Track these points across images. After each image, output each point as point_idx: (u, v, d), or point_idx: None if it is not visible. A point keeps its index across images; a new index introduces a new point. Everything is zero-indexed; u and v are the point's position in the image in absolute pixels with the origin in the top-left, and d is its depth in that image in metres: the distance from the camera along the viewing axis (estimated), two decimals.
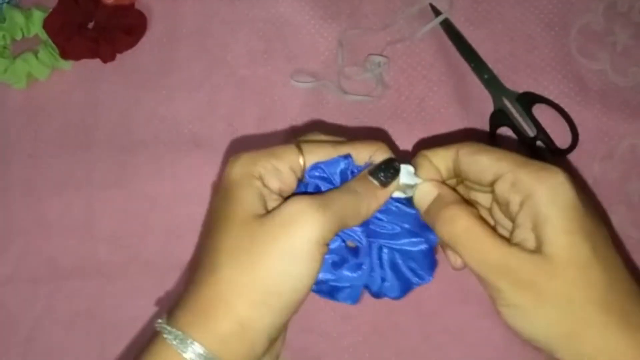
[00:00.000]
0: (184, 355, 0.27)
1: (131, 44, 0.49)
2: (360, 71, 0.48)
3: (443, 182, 0.32)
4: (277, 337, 0.30)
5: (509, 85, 0.47)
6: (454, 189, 0.33)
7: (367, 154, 0.32)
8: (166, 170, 0.47)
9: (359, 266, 0.32)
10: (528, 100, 0.47)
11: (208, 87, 0.49)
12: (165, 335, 0.28)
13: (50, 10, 0.48)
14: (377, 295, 0.33)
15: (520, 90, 0.47)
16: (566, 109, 0.47)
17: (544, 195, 0.28)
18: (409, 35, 0.49)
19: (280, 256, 0.28)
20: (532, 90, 0.47)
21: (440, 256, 0.44)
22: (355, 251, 0.32)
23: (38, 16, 0.49)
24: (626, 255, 0.45)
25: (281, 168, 0.31)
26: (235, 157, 0.31)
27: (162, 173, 0.47)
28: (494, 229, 0.30)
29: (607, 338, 0.27)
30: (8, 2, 0.50)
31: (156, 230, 0.46)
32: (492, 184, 0.30)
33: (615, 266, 0.28)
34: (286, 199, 0.30)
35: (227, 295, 0.28)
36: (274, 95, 0.48)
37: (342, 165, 0.32)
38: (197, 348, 0.27)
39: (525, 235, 0.29)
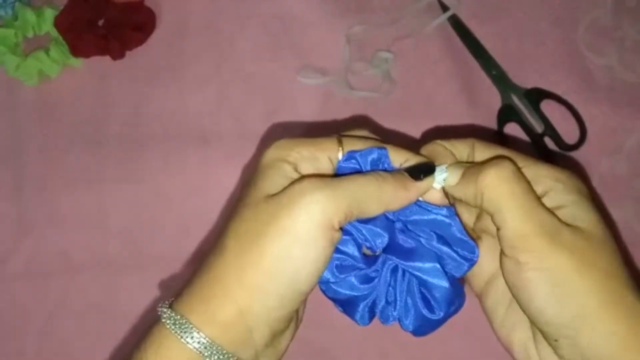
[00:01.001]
0: (182, 341, 0.26)
1: (140, 41, 0.50)
2: (368, 67, 0.48)
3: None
4: (281, 329, 0.29)
5: (516, 81, 0.47)
6: None
7: (405, 158, 0.30)
8: (176, 165, 0.48)
9: (370, 279, 0.30)
10: (536, 96, 0.47)
11: (217, 83, 0.49)
12: (164, 320, 0.27)
13: (61, 8, 0.49)
14: (383, 319, 0.30)
15: (528, 86, 0.47)
16: (574, 105, 0.46)
17: (567, 183, 0.28)
18: (417, 31, 0.49)
19: (279, 237, 0.26)
20: (540, 86, 0.47)
21: None
22: (370, 261, 0.30)
23: (49, 14, 0.49)
24: (629, 250, 0.45)
25: (319, 156, 0.30)
26: (273, 142, 0.30)
27: (171, 168, 0.48)
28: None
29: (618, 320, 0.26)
30: (20, 1, 0.50)
31: (166, 224, 0.47)
32: None
33: (620, 263, 0.28)
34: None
35: (226, 279, 0.27)
36: (282, 91, 0.49)
37: (375, 154, 0.29)
38: (195, 334, 0.26)
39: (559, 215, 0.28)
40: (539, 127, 0.47)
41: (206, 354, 0.26)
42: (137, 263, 0.46)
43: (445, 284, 0.29)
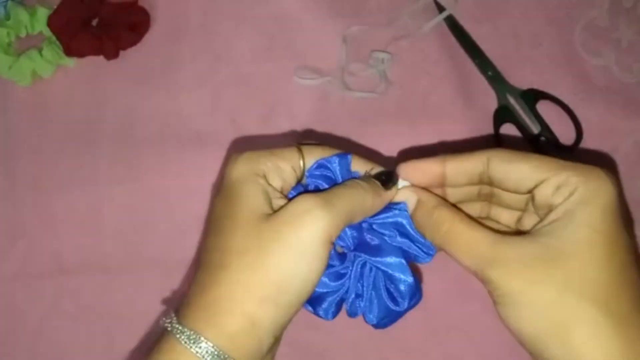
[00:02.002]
0: (195, 353, 0.27)
1: (135, 41, 0.49)
2: (364, 67, 0.48)
3: (423, 188, 0.33)
4: (280, 334, 0.31)
5: (513, 81, 0.47)
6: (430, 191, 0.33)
7: (366, 166, 0.33)
8: (171, 166, 0.47)
9: (340, 275, 0.32)
10: (532, 96, 0.47)
11: (212, 84, 0.49)
12: (176, 335, 0.28)
13: (55, 7, 0.48)
14: (351, 313, 0.33)
15: (525, 87, 0.47)
16: (570, 106, 0.46)
17: (586, 191, 0.28)
18: (413, 32, 0.49)
19: (288, 254, 0.28)
20: (536, 86, 0.47)
21: (444, 254, 0.44)
22: (342, 257, 0.32)
23: (42, 13, 0.49)
24: None
25: (283, 167, 0.32)
26: (237, 155, 0.32)
27: (166, 169, 0.47)
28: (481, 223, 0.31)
29: (598, 336, 0.26)
30: (12, 0, 0.50)
31: (161, 226, 0.47)
32: (530, 190, 0.30)
33: (630, 277, 0.27)
34: (291, 198, 0.31)
35: (236, 293, 0.28)
36: (278, 92, 0.48)
37: (342, 160, 0.32)
38: (208, 346, 0.28)
39: (546, 229, 0.28)
40: (535, 128, 0.47)
41: None
42: (132, 265, 0.46)
43: (409, 278, 0.31)
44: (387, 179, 0.32)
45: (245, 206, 0.30)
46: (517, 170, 0.30)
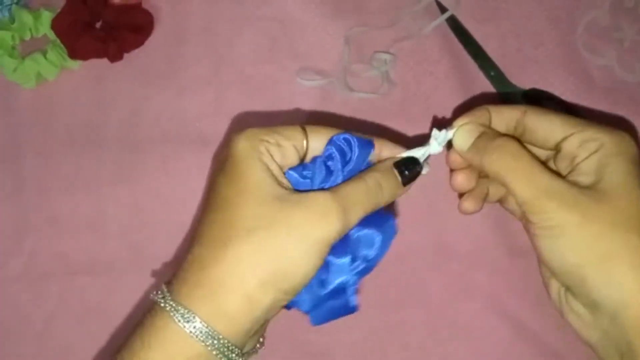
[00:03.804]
0: (189, 332, 0.27)
1: (138, 43, 0.50)
2: (367, 68, 0.48)
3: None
4: (271, 317, 0.31)
5: (515, 81, 0.47)
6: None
7: (392, 150, 0.34)
8: (174, 167, 0.48)
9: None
10: (534, 96, 0.47)
11: (215, 85, 0.49)
12: (170, 312, 0.28)
13: (59, 10, 0.49)
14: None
15: (527, 87, 0.47)
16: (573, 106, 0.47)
17: (613, 146, 0.31)
18: (415, 32, 0.49)
19: (298, 245, 0.28)
20: (538, 86, 0.47)
21: (445, 253, 0.44)
22: None
23: (46, 16, 0.49)
24: None
25: (285, 145, 0.31)
26: (239, 132, 0.31)
27: (170, 171, 0.47)
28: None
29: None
30: (17, 3, 0.50)
31: (164, 227, 0.47)
32: (558, 143, 0.33)
33: None
34: (289, 178, 0.31)
35: (239, 271, 0.28)
36: (280, 93, 0.49)
37: (364, 148, 0.32)
38: (202, 325, 0.27)
39: (582, 178, 0.31)
40: None
41: (208, 343, 0.27)
42: (136, 265, 0.46)
43: (342, 278, 0.31)
44: (411, 166, 0.33)
45: (254, 183, 0.30)
46: (550, 122, 0.33)
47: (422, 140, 0.35)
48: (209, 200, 0.31)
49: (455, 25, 0.48)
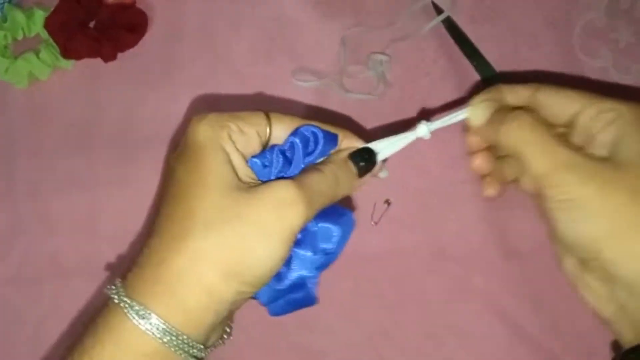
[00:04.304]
0: (145, 330, 0.26)
1: (133, 43, 0.49)
2: (363, 69, 0.48)
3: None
4: (235, 310, 0.30)
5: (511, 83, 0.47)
6: None
7: (350, 141, 0.34)
8: None
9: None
10: None
11: (211, 86, 0.49)
12: (124, 309, 0.27)
13: (52, 9, 0.48)
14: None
15: None
16: None
17: (631, 115, 0.31)
18: (412, 33, 0.49)
19: (263, 237, 0.28)
20: None
21: (442, 255, 0.44)
22: None
23: (39, 15, 0.49)
24: None
25: (247, 131, 0.31)
26: (200, 117, 0.30)
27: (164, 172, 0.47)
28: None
29: None
30: (9, 2, 0.50)
31: None
32: (572, 117, 0.32)
33: None
34: (252, 166, 0.31)
35: (198, 265, 0.27)
36: (276, 94, 0.48)
37: (329, 141, 0.32)
38: (159, 322, 0.26)
39: (599, 150, 0.31)
40: None
41: (165, 339, 0.27)
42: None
43: (301, 272, 0.31)
44: (366, 157, 0.32)
45: (215, 172, 0.29)
46: (565, 96, 0.33)
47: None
48: (166, 189, 0.30)
49: (451, 26, 0.48)
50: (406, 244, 0.44)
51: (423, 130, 0.35)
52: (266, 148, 0.32)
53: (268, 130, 0.31)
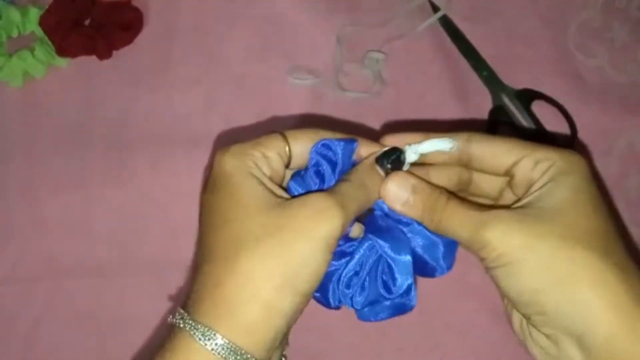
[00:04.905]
0: (211, 350, 0.27)
1: (128, 41, 0.49)
2: (359, 68, 0.48)
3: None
4: (291, 326, 0.30)
5: (507, 81, 0.47)
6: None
7: (371, 148, 0.33)
8: (164, 167, 0.47)
9: (344, 254, 0.32)
10: (527, 96, 0.47)
11: (205, 84, 0.49)
12: (190, 331, 0.28)
13: (47, 7, 0.48)
14: (336, 299, 0.32)
15: (519, 87, 0.47)
16: (564, 106, 0.47)
17: (563, 163, 0.30)
18: (408, 32, 0.49)
19: (306, 245, 0.28)
20: (530, 86, 0.47)
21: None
22: (346, 237, 0.33)
23: (34, 13, 0.48)
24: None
25: (270, 155, 0.32)
26: (224, 149, 0.32)
27: (159, 171, 0.47)
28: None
29: (603, 284, 0.26)
30: (4, 0, 0.49)
31: (154, 229, 0.46)
32: (509, 168, 0.31)
33: (615, 228, 0.29)
34: (296, 194, 0.32)
35: (254, 281, 0.28)
36: (271, 93, 0.48)
37: (347, 147, 0.32)
38: (224, 342, 0.27)
39: (535, 200, 0.30)
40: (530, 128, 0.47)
41: (231, 359, 0.27)
42: (124, 267, 0.46)
43: (409, 280, 0.31)
44: (393, 158, 0.32)
45: (251, 195, 0.30)
46: (499, 147, 0.32)
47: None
48: (207, 222, 0.31)
49: (447, 24, 0.48)
50: None
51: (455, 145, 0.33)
52: (289, 166, 0.33)
53: (287, 149, 0.33)
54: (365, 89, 0.48)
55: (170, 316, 0.29)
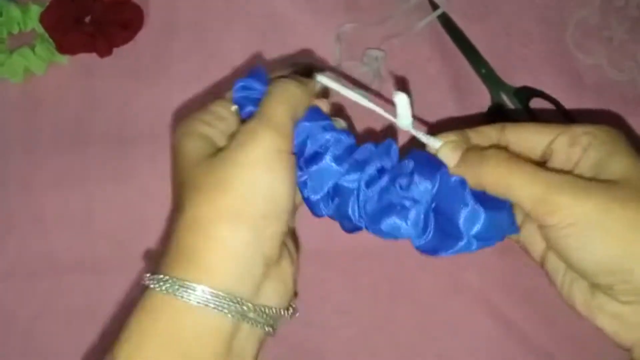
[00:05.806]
0: (188, 301, 0.27)
1: (128, 38, 0.49)
2: (358, 65, 0.48)
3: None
4: (273, 256, 0.30)
5: (506, 79, 0.47)
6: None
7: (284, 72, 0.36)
8: (163, 164, 0.47)
9: (360, 166, 0.32)
10: (525, 94, 0.47)
11: (205, 82, 0.49)
12: (161, 287, 0.27)
13: (47, 4, 0.48)
14: (356, 227, 0.34)
15: (518, 85, 0.47)
16: (563, 104, 0.47)
17: (605, 135, 0.30)
18: (407, 30, 0.49)
19: (242, 172, 0.29)
20: (529, 84, 0.47)
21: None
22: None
23: (35, 10, 0.49)
24: None
25: (223, 114, 0.34)
26: (180, 121, 0.34)
27: (159, 167, 0.47)
28: None
29: None
30: None
31: (153, 225, 0.46)
32: (545, 149, 0.32)
33: None
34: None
35: (202, 227, 0.28)
36: None
37: (258, 75, 0.35)
38: (198, 292, 0.27)
39: (583, 173, 0.30)
40: None
41: (211, 305, 0.27)
42: (124, 264, 0.46)
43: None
44: (303, 73, 0.34)
45: (191, 152, 0.31)
46: (533, 129, 0.32)
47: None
48: (172, 189, 0.34)
49: (446, 22, 0.49)
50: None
51: (402, 99, 0.34)
52: None
53: (234, 107, 0.34)
54: (364, 87, 0.48)
55: (145, 277, 0.29)
